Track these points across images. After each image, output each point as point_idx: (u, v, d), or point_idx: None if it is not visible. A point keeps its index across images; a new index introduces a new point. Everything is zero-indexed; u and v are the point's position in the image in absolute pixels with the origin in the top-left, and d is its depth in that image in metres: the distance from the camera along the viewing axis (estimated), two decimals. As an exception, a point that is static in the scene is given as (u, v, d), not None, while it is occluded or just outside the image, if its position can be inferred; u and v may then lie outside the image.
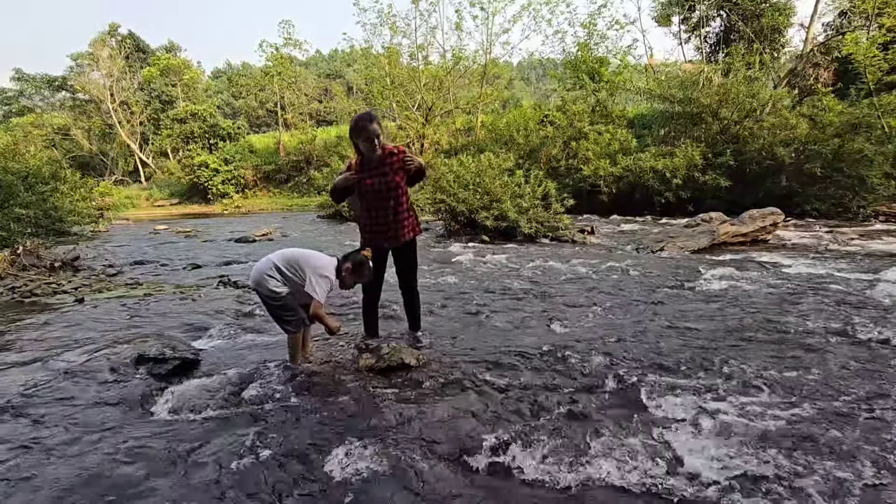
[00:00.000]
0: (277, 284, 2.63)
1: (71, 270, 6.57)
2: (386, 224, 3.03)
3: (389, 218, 3.01)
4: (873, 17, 14.53)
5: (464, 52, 23.52)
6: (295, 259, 2.68)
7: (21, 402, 2.36)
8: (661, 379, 2.58)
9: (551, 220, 9.33)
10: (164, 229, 14.25)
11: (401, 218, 3.04)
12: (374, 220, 3.04)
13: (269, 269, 2.64)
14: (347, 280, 2.78)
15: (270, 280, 2.62)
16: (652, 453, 1.89)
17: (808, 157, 12.60)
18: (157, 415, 2.33)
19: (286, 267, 2.65)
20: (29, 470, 1.83)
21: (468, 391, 2.51)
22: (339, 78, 43.48)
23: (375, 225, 3.05)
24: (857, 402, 2.30)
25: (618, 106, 19.79)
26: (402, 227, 3.06)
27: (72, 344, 3.23)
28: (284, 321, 2.73)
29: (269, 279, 2.62)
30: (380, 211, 3.00)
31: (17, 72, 33.43)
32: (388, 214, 3.00)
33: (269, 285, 2.62)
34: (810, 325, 3.47)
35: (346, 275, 2.76)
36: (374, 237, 3.08)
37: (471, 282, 5.37)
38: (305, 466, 1.85)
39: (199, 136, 29.59)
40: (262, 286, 2.65)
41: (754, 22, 19.41)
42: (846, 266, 5.67)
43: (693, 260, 6.58)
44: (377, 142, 2.82)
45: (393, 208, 2.99)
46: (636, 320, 3.73)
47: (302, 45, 30.58)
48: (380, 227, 3.04)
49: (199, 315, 4.05)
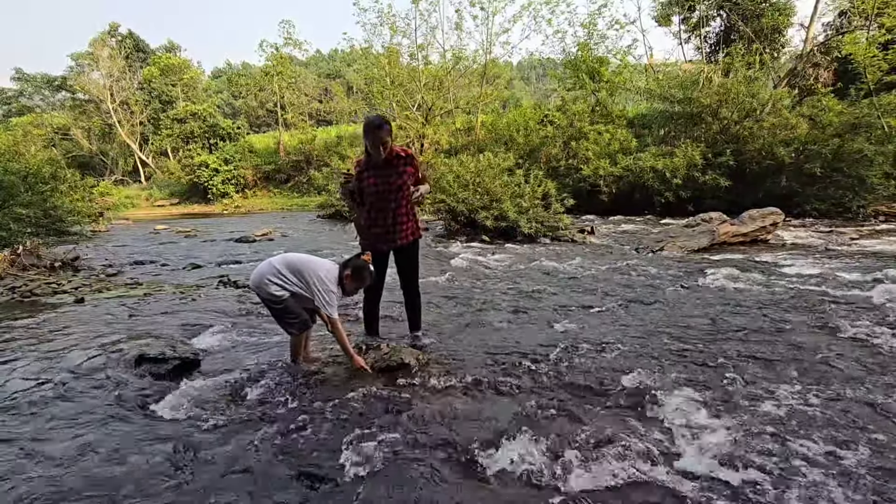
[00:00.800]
0: (278, 289, 2.62)
1: (71, 270, 6.57)
2: (385, 226, 3.02)
3: (389, 219, 3.01)
4: (873, 17, 14.52)
5: (464, 51, 23.52)
6: (297, 265, 2.66)
7: (21, 402, 2.36)
8: (661, 379, 2.58)
9: (551, 220, 9.32)
10: (164, 229, 14.24)
11: (400, 220, 3.03)
12: (374, 221, 3.04)
13: (270, 273, 2.63)
14: (348, 287, 2.77)
15: (271, 285, 2.62)
16: (652, 453, 1.89)
17: (807, 157, 12.60)
18: (158, 415, 2.33)
19: (289, 272, 2.64)
20: (28, 470, 1.83)
21: (468, 391, 2.51)
22: (338, 78, 43.44)
23: (375, 226, 3.04)
24: (857, 403, 2.30)
25: (618, 106, 19.78)
26: (402, 230, 3.05)
27: (72, 344, 3.23)
28: (287, 323, 2.73)
29: (270, 283, 2.62)
30: (380, 212, 3.00)
31: (17, 71, 33.44)
32: (388, 216, 3.00)
33: (269, 290, 2.62)
34: (810, 325, 3.47)
35: (347, 282, 2.75)
36: (375, 238, 3.07)
37: (470, 282, 5.37)
38: (306, 466, 1.86)
39: (198, 136, 29.56)
40: (262, 290, 2.65)
41: (754, 22, 19.39)
42: (846, 266, 5.66)
43: (693, 260, 6.59)
44: (382, 149, 2.83)
45: (393, 210, 2.99)
46: (636, 320, 3.73)
47: (302, 44, 30.56)
48: (379, 227, 3.03)
49: (199, 315, 4.05)
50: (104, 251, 9.29)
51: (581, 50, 20.52)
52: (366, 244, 3.12)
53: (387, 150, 2.85)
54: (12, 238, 7.58)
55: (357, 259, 2.82)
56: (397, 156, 2.92)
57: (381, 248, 3.09)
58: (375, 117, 2.86)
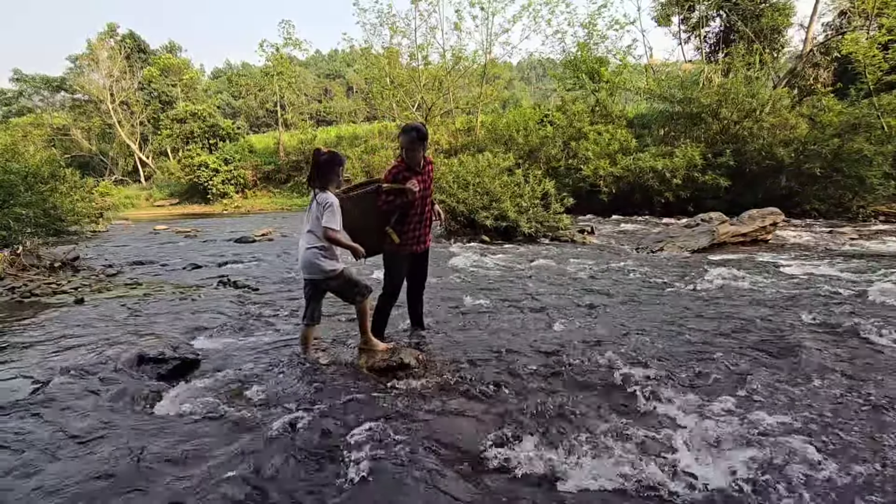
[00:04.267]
0: (330, 262, 2.69)
1: (70, 270, 6.56)
2: (421, 227, 3.10)
3: (424, 222, 3.10)
4: (873, 17, 14.53)
5: (463, 52, 23.54)
6: (318, 227, 2.66)
7: (21, 403, 2.36)
8: (661, 379, 2.58)
9: (551, 219, 9.33)
10: (163, 229, 14.23)
11: (428, 223, 3.15)
12: (415, 223, 3.05)
13: (314, 252, 2.66)
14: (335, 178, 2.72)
15: (324, 261, 2.67)
16: (652, 453, 1.89)
17: (807, 157, 12.61)
18: (158, 415, 2.33)
19: (322, 238, 2.65)
20: (29, 469, 1.82)
21: (468, 391, 2.51)
22: (338, 78, 43.47)
23: (415, 227, 3.06)
24: (856, 402, 2.30)
25: (617, 106, 19.79)
26: (428, 232, 3.18)
27: (72, 344, 3.23)
28: (354, 293, 2.78)
29: (323, 260, 2.66)
30: (420, 215, 3.05)
31: (16, 72, 33.41)
32: (424, 218, 3.09)
33: (324, 267, 2.67)
34: (809, 325, 3.47)
35: (334, 176, 2.71)
36: (412, 240, 3.08)
37: (470, 282, 5.37)
38: (305, 466, 1.86)
39: (198, 136, 29.56)
40: (317, 271, 2.68)
41: (754, 22, 19.41)
42: (845, 266, 5.67)
43: (693, 260, 6.59)
44: (422, 150, 2.94)
45: (426, 214, 3.10)
46: (636, 320, 3.73)
47: (302, 44, 30.56)
48: (417, 230, 3.08)
49: (199, 315, 4.05)
50: (104, 251, 9.28)
51: (581, 50, 20.55)
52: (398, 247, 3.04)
53: (419, 156, 2.96)
54: (12, 238, 7.58)
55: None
56: (428, 163, 3.07)
57: (416, 250, 3.13)
58: (416, 123, 2.98)
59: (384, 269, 3.17)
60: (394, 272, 3.13)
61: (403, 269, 3.14)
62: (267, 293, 5.05)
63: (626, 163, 14.83)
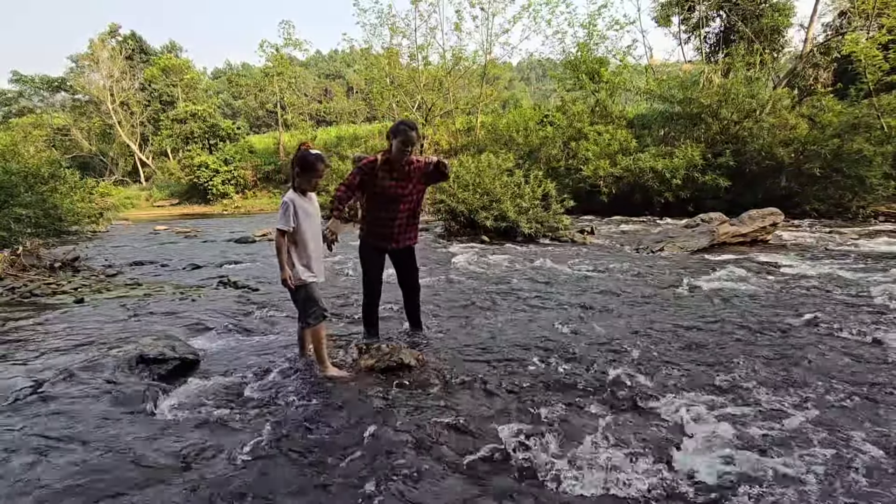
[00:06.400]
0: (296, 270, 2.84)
1: (71, 271, 6.56)
2: (390, 228, 3.08)
3: (395, 223, 3.07)
4: (873, 18, 14.54)
5: (463, 52, 23.54)
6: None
7: (21, 403, 2.36)
8: (661, 379, 2.58)
9: (551, 220, 9.33)
10: (163, 229, 14.24)
11: (407, 225, 3.12)
12: (381, 221, 3.08)
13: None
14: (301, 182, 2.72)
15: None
16: (652, 453, 1.89)
17: (807, 157, 12.62)
18: (158, 415, 2.33)
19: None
20: (28, 470, 1.82)
21: (467, 391, 2.51)
22: (338, 78, 43.48)
23: (378, 226, 3.09)
24: (856, 402, 2.30)
25: (617, 106, 19.79)
26: (406, 234, 3.15)
27: (72, 344, 3.23)
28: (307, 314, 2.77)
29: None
30: (388, 213, 3.05)
31: (14, 73, 33.41)
32: (396, 219, 3.06)
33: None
34: (809, 325, 3.47)
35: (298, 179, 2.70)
36: (377, 237, 3.12)
37: (470, 282, 5.37)
38: (305, 467, 1.85)
39: (198, 137, 29.56)
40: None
41: (754, 22, 19.40)
42: (845, 266, 5.67)
43: (693, 260, 6.59)
44: (409, 150, 2.89)
45: (403, 214, 3.07)
46: (636, 320, 3.73)
47: (302, 45, 30.55)
48: (383, 229, 3.09)
49: (199, 315, 4.05)
50: (104, 251, 9.28)
51: (581, 50, 20.54)
52: (366, 238, 3.16)
53: (412, 153, 2.93)
54: (12, 238, 7.58)
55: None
56: (409, 162, 2.97)
57: (382, 246, 3.15)
58: (408, 120, 2.97)
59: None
60: (363, 265, 3.20)
61: (372, 264, 3.16)
62: (267, 293, 5.05)
63: (626, 163, 14.83)
